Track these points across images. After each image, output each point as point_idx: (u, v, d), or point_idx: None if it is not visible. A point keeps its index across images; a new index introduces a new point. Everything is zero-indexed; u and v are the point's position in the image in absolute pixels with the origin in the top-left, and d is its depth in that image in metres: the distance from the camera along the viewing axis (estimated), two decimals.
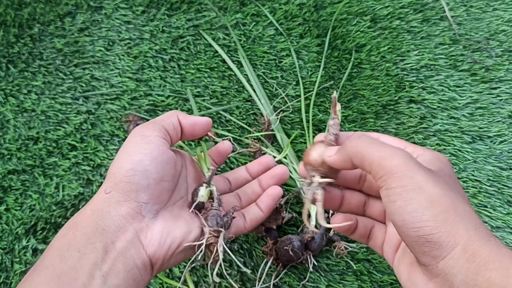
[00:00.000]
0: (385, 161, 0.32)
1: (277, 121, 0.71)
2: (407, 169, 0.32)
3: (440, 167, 0.35)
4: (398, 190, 0.31)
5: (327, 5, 0.85)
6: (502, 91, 0.78)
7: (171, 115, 0.44)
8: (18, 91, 0.73)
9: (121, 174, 0.38)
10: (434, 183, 0.32)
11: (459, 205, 0.31)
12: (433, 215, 0.30)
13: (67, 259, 0.34)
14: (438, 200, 0.31)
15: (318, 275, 0.62)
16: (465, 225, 0.30)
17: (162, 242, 0.39)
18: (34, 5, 0.79)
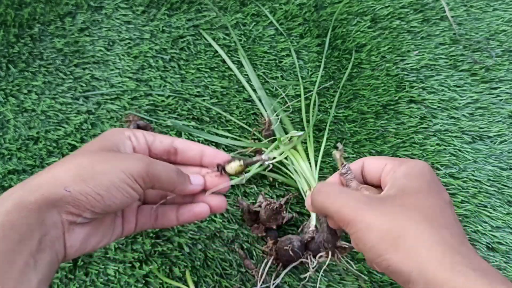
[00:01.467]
0: (340, 213, 0.36)
1: (277, 121, 0.71)
2: (356, 213, 0.34)
3: (403, 186, 0.36)
4: (354, 236, 0.34)
5: (327, 5, 0.85)
6: (502, 91, 0.78)
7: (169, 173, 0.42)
8: (18, 91, 0.73)
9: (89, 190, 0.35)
10: (383, 215, 0.34)
11: (410, 229, 0.33)
12: (384, 249, 0.32)
13: (7, 239, 0.33)
14: (387, 232, 0.33)
15: (318, 275, 0.62)
16: (416, 250, 0.32)
17: (82, 248, 0.38)
18: (34, 5, 0.79)
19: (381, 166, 0.40)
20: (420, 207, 0.35)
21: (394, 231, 0.33)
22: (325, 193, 0.38)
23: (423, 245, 0.32)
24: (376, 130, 0.73)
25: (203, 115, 0.73)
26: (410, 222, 0.33)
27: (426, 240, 0.32)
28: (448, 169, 0.70)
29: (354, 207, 0.35)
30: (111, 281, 0.59)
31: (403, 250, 0.32)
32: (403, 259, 0.32)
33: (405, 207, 0.34)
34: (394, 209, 0.34)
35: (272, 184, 0.68)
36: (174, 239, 0.63)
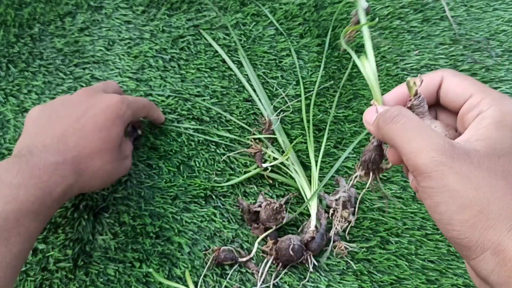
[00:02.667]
0: (413, 157, 0.30)
1: (277, 121, 0.71)
2: (436, 169, 0.29)
3: (493, 141, 0.31)
4: (427, 191, 0.30)
5: (328, 5, 0.85)
6: (502, 91, 0.78)
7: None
8: (18, 91, 0.73)
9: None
10: (468, 179, 0.29)
11: (494, 205, 0.29)
12: (461, 221, 0.29)
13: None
14: (469, 204, 0.29)
15: (318, 275, 0.62)
16: (496, 229, 0.28)
17: None
18: (34, 5, 0.79)
19: (465, 94, 0.33)
20: (508, 173, 0.30)
21: (477, 203, 0.29)
22: (402, 124, 0.32)
23: (506, 226, 0.28)
24: None
25: (203, 115, 0.73)
26: (496, 195, 0.29)
27: (509, 220, 0.28)
28: None
29: (435, 157, 0.29)
30: (111, 281, 0.59)
31: (482, 227, 0.28)
32: (479, 236, 0.28)
33: (493, 172, 0.30)
34: (480, 174, 0.29)
35: (272, 184, 0.68)
36: (174, 239, 0.63)
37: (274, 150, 0.69)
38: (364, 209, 0.67)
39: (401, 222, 0.66)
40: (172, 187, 0.67)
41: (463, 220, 0.29)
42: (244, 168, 0.69)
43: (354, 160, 0.70)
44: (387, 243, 0.65)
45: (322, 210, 0.64)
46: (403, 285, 0.62)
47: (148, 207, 0.64)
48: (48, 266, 0.60)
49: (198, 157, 0.69)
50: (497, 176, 0.30)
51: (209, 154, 0.70)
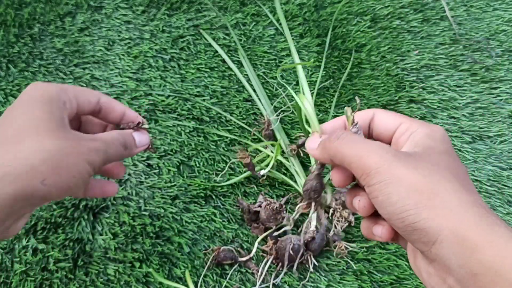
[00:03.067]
0: (362, 159, 0.32)
1: (277, 121, 0.71)
2: (384, 163, 0.32)
3: (429, 146, 0.34)
4: (377, 186, 0.31)
5: (327, 5, 0.85)
6: (502, 91, 0.78)
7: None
8: (18, 91, 0.73)
9: (62, 183, 0.35)
10: (414, 169, 0.31)
11: (445, 187, 0.31)
12: (414, 203, 0.30)
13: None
14: (419, 186, 0.30)
15: (318, 275, 0.62)
16: (451, 208, 0.30)
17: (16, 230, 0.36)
18: (34, 5, 0.79)
19: (395, 123, 0.37)
20: (450, 168, 0.33)
21: (426, 186, 0.30)
22: (347, 139, 0.34)
23: (459, 204, 0.30)
24: None
25: (203, 115, 0.73)
26: (443, 180, 0.31)
27: (461, 200, 0.30)
28: None
29: (381, 156, 0.32)
30: (111, 281, 0.59)
31: (436, 207, 0.30)
32: (434, 216, 0.29)
33: (436, 165, 0.32)
34: (425, 165, 0.32)
35: (272, 184, 0.68)
36: (174, 239, 0.63)
37: (273, 150, 0.69)
38: None
39: None
40: (172, 187, 0.67)
41: (416, 201, 0.30)
42: (244, 168, 0.69)
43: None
44: (387, 243, 0.65)
45: (322, 210, 0.64)
46: (403, 285, 0.62)
47: (148, 207, 0.64)
48: (48, 266, 0.60)
49: (198, 157, 0.69)
50: (441, 168, 0.32)
51: (209, 154, 0.70)
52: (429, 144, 0.34)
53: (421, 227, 0.30)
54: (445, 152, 0.34)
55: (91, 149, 0.36)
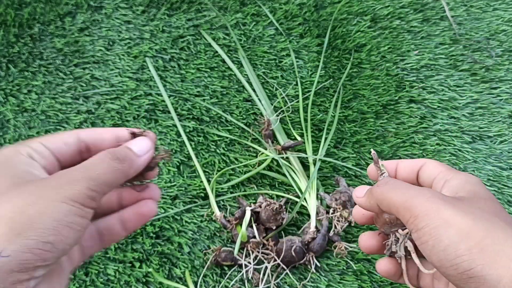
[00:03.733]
0: (409, 203, 0.32)
1: (277, 121, 0.71)
2: (432, 206, 0.31)
3: (471, 191, 0.34)
4: (426, 230, 0.30)
5: (327, 4, 0.85)
6: (502, 91, 0.78)
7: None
8: (18, 91, 0.73)
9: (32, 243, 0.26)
10: (464, 213, 0.30)
11: (496, 232, 0.29)
12: (467, 249, 0.28)
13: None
14: (470, 231, 0.29)
15: (318, 275, 0.62)
16: (506, 253, 0.28)
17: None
18: (34, 5, 0.79)
19: (436, 172, 0.37)
20: (497, 213, 0.32)
21: (479, 231, 0.29)
22: (394, 184, 0.34)
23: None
24: (376, 130, 0.73)
25: (203, 115, 0.73)
26: (494, 226, 0.29)
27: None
28: None
29: (429, 199, 0.31)
30: (111, 281, 0.59)
31: (492, 252, 0.28)
32: (491, 262, 0.27)
33: (484, 210, 0.31)
34: (474, 210, 0.31)
35: (272, 184, 0.68)
36: (174, 239, 0.63)
37: (272, 151, 0.69)
38: None
39: None
40: (172, 187, 0.67)
41: (469, 246, 0.28)
42: (245, 168, 0.69)
43: (354, 160, 0.70)
44: None
45: (324, 211, 0.64)
46: (403, 285, 0.62)
47: None
48: None
49: (198, 157, 0.69)
50: (489, 213, 0.31)
51: (209, 154, 0.70)
52: (472, 190, 0.34)
53: (477, 274, 0.28)
54: (489, 198, 0.33)
55: (68, 182, 0.29)
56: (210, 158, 0.69)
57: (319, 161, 0.67)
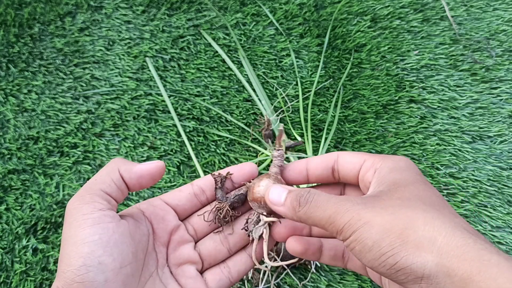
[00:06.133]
0: (332, 219, 0.32)
1: (277, 121, 0.71)
2: (353, 215, 0.31)
3: (393, 180, 0.33)
4: (352, 238, 0.30)
5: (327, 4, 0.85)
6: (502, 91, 0.78)
7: (111, 172, 0.36)
8: (18, 91, 0.73)
9: (72, 274, 0.31)
10: (383, 210, 0.30)
11: (419, 218, 0.29)
12: (390, 244, 0.29)
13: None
14: (391, 226, 0.29)
15: (318, 275, 0.62)
16: (429, 239, 0.28)
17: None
18: (34, 5, 0.79)
19: (359, 161, 0.37)
20: (421, 197, 0.31)
21: (398, 223, 0.29)
22: (314, 202, 0.34)
23: (438, 232, 0.28)
24: (376, 130, 0.73)
25: (203, 115, 0.73)
26: (415, 212, 0.30)
27: (440, 227, 0.28)
28: (448, 169, 0.70)
29: (348, 209, 0.31)
30: None
31: (413, 241, 0.28)
32: (414, 251, 0.28)
33: (405, 199, 0.31)
34: (393, 202, 0.31)
35: None
36: None
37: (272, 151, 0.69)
38: None
39: None
40: (172, 187, 0.67)
41: (391, 241, 0.29)
42: None
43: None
44: None
45: None
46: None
47: None
48: (48, 266, 0.60)
49: (198, 157, 0.69)
50: (411, 200, 0.31)
51: (209, 154, 0.70)
52: (394, 179, 0.34)
53: (402, 266, 0.28)
54: (412, 182, 0.33)
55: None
56: (210, 158, 0.69)
57: None
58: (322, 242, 0.39)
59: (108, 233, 0.32)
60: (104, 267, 0.31)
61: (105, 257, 0.32)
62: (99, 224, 0.32)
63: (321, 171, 0.39)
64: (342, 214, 0.31)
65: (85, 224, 0.32)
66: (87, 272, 0.31)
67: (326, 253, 0.39)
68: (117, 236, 0.33)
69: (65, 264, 0.31)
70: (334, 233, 0.32)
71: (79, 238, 0.32)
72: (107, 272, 0.32)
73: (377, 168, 0.35)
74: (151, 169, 0.36)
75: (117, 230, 0.33)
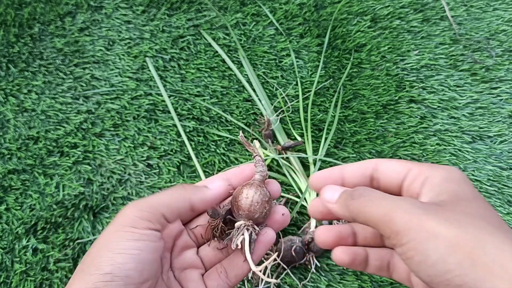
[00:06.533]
0: (388, 217, 0.29)
1: (277, 121, 0.71)
2: (412, 219, 0.28)
3: (453, 192, 0.31)
4: (411, 245, 0.28)
5: (327, 4, 0.85)
6: (502, 91, 0.78)
7: (180, 200, 0.36)
8: (18, 91, 0.73)
9: (97, 277, 0.30)
10: (448, 223, 0.27)
11: (485, 239, 0.27)
12: (457, 262, 0.26)
13: None
14: (458, 242, 0.27)
15: (318, 275, 0.62)
16: (502, 264, 0.26)
17: None
18: (34, 5, 0.79)
19: (403, 171, 0.34)
20: (485, 216, 0.29)
21: (466, 241, 0.26)
22: (370, 196, 0.31)
23: (509, 258, 0.26)
24: (376, 130, 0.73)
25: (203, 115, 0.73)
26: (482, 232, 0.27)
27: (510, 253, 0.26)
28: None
29: (408, 211, 0.28)
30: None
31: (484, 264, 0.25)
32: (484, 274, 0.25)
33: (469, 214, 0.28)
34: (458, 216, 0.28)
35: None
36: None
37: (272, 151, 0.69)
38: None
39: None
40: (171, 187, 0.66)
41: (459, 260, 0.26)
42: None
43: (354, 160, 0.70)
44: None
45: None
46: (403, 285, 0.62)
47: None
48: (48, 266, 0.60)
49: (198, 157, 0.69)
50: (475, 217, 0.28)
51: (209, 154, 0.70)
52: (454, 190, 0.31)
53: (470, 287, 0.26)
54: (474, 198, 0.30)
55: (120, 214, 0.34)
56: (210, 158, 0.69)
57: (319, 161, 0.67)
58: (367, 251, 0.37)
59: (148, 252, 0.32)
60: (128, 280, 0.31)
61: (133, 271, 0.31)
62: (145, 241, 0.32)
63: (358, 179, 0.36)
64: (400, 214, 0.29)
65: (132, 237, 0.32)
66: (111, 281, 0.31)
67: (372, 263, 0.37)
68: (153, 257, 0.33)
69: (94, 265, 0.31)
70: (386, 233, 0.29)
71: (119, 246, 0.32)
72: (129, 285, 0.31)
73: (428, 176, 0.32)
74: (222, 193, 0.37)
75: (155, 251, 0.33)
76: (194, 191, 0.36)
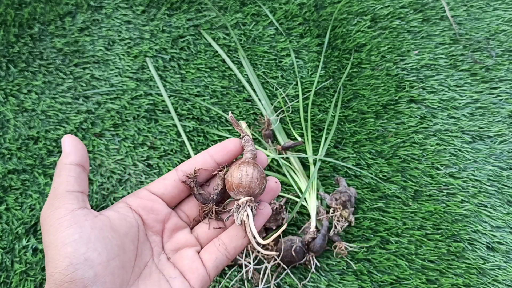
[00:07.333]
0: None
1: (277, 121, 0.71)
2: None
3: None
4: None
5: (327, 4, 0.85)
6: (502, 91, 0.78)
7: (62, 170, 0.38)
8: (18, 91, 0.73)
9: (61, 275, 0.31)
10: None
11: None
12: None
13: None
14: None
15: (318, 275, 0.62)
16: None
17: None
18: (34, 5, 0.79)
19: None
20: None
21: None
22: None
23: None
24: (376, 130, 0.73)
25: (203, 115, 0.73)
26: None
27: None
28: (448, 168, 0.70)
29: None
30: None
31: None
32: None
33: None
34: None
35: None
36: None
37: (272, 150, 0.69)
38: (364, 209, 0.67)
39: (401, 222, 0.66)
40: None
41: None
42: None
43: (354, 160, 0.70)
44: (387, 243, 0.65)
45: (324, 211, 0.64)
46: (403, 285, 0.62)
47: None
48: None
49: None
50: None
51: None
52: None
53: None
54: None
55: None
56: None
57: (319, 161, 0.67)
58: None
59: (87, 230, 0.33)
60: (91, 262, 0.32)
61: (89, 253, 0.32)
62: (76, 223, 0.33)
63: None
64: None
65: (62, 227, 0.32)
66: (75, 270, 0.31)
67: None
68: (97, 232, 0.33)
69: (52, 267, 0.31)
70: None
71: (59, 241, 0.32)
72: (95, 266, 0.32)
73: None
74: (74, 140, 0.39)
75: (95, 226, 0.33)
76: (65, 157, 0.39)
